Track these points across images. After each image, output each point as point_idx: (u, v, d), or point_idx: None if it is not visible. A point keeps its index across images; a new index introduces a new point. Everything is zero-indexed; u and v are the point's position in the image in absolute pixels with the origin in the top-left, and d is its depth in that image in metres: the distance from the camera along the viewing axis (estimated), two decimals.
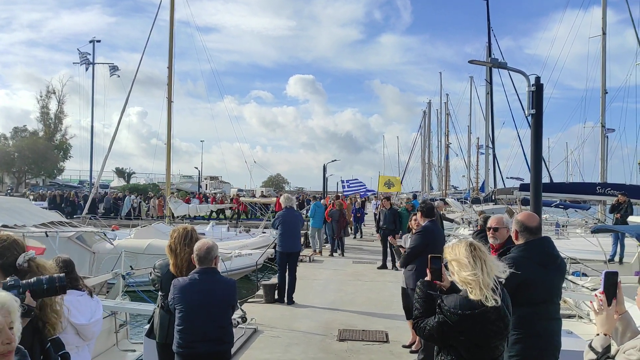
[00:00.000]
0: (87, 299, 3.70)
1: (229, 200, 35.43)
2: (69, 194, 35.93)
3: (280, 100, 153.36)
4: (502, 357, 2.91)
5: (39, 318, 2.50)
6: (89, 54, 44.80)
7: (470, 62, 9.19)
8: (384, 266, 13.84)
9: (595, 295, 2.55)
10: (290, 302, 9.41)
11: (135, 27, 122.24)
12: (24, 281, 2.38)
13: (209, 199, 37.14)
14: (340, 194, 31.97)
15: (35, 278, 2.45)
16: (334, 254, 16.61)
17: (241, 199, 35.13)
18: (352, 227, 22.16)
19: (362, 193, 32.77)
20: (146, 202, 34.15)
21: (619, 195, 15.07)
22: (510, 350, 3.57)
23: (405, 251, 6.73)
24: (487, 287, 2.74)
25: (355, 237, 21.81)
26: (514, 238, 3.92)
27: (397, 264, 7.14)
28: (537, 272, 3.69)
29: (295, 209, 10.64)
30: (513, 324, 3.50)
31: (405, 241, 7.05)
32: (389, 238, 9.75)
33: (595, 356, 2.41)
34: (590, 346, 2.47)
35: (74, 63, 47.44)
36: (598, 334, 2.47)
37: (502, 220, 4.64)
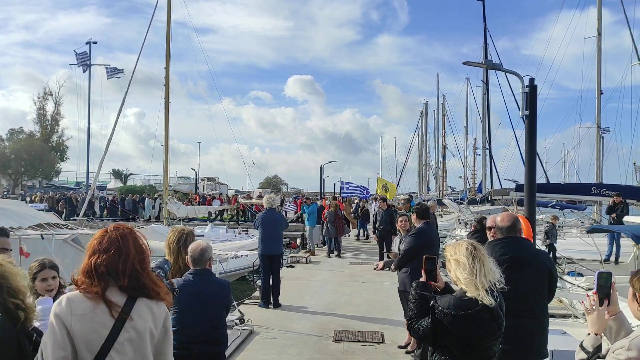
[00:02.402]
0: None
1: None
2: (91, 198, 36.03)
3: (278, 101, 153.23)
4: (495, 358, 2.93)
5: (19, 308, 2.40)
6: (87, 56, 44.73)
7: (465, 63, 9.22)
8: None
9: (588, 296, 2.57)
10: (277, 305, 9.31)
11: (132, 28, 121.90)
12: (156, 267, 2.89)
13: (231, 200, 36.97)
14: (337, 195, 32.02)
15: (155, 265, 2.90)
16: (331, 254, 16.63)
17: (239, 200, 35.15)
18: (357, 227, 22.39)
19: (361, 196, 32.76)
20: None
21: (615, 197, 15.13)
22: None
23: (397, 254, 6.76)
24: (483, 287, 2.76)
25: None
26: (492, 236, 3.99)
27: (392, 265, 7.15)
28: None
29: (278, 210, 10.49)
30: None
31: (396, 244, 7.08)
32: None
33: (585, 356, 2.44)
34: (581, 346, 2.49)
35: (70, 64, 47.45)
36: (589, 334, 2.50)
37: None
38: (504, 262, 3.64)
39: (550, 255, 12.33)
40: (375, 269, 12.83)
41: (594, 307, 2.51)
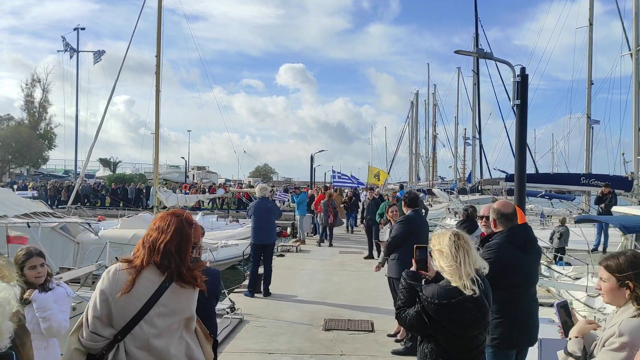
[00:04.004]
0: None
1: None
2: (95, 186, 35.83)
3: (270, 90, 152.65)
4: (483, 347, 2.93)
5: None
6: (74, 41, 44.18)
7: (457, 52, 9.17)
8: (370, 256, 13.88)
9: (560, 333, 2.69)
10: (267, 293, 9.31)
11: (120, 14, 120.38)
12: None
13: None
14: (328, 184, 32.01)
15: None
16: (321, 244, 16.65)
17: (230, 189, 35.16)
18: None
19: (352, 186, 32.71)
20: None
21: (603, 187, 15.26)
22: (493, 333, 3.65)
23: (386, 242, 6.76)
24: (467, 277, 2.76)
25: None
26: (492, 226, 4.02)
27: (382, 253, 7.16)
28: (518, 257, 3.83)
29: (270, 199, 10.37)
30: (496, 307, 3.58)
31: (385, 232, 7.08)
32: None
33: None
34: (566, 352, 2.49)
35: (58, 51, 46.89)
36: (570, 338, 2.51)
37: None
38: (524, 248, 3.89)
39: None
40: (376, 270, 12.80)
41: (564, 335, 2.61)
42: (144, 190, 34.38)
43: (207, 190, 35.52)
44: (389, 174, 48.07)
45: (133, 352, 2.44)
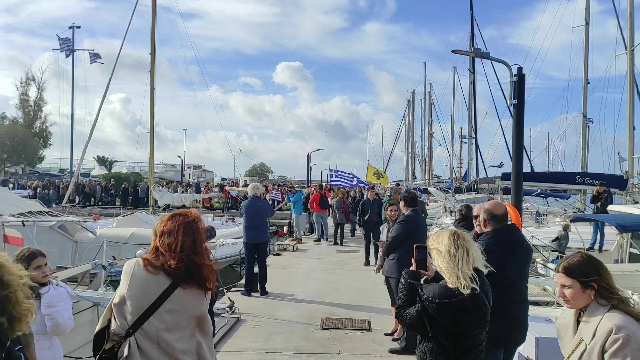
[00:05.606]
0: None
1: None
2: (106, 184, 35.65)
3: (267, 88, 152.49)
4: (482, 346, 2.92)
5: (5, 312, 2.03)
6: (70, 40, 44.01)
7: (454, 51, 9.18)
8: (368, 263, 12.70)
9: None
10: (264, 292, 9.32)
11: (115, 12, 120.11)
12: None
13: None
14: (324, 183, 31.93)
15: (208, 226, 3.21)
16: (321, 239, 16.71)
17: (226, 187, 35.21)
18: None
19: (351, 184, 32.58)
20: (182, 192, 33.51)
21: (598, 186, 15.31)
22: None
23: (385, 242, 6.75)
24: (466, 276, 2.75)
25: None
26: (482, 226, 4.03)
27: (381, 253, 7.15)
28: (505, 257, 3.81)
29: (262, 198, 10.27)
30: None
31: (382, 232, 7.07)
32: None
33: None
34: None
35: (53, 49, 46.69)
36: None
37: None
38: (509, 249, 3.89)
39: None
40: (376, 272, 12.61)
41: None
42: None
43: (219, 189, 35.62)
44: (384, 172, 48.16)
45: (144, 346, 2.59)
